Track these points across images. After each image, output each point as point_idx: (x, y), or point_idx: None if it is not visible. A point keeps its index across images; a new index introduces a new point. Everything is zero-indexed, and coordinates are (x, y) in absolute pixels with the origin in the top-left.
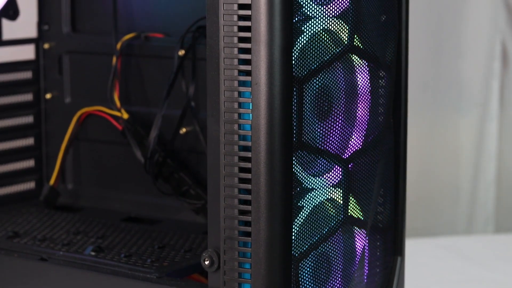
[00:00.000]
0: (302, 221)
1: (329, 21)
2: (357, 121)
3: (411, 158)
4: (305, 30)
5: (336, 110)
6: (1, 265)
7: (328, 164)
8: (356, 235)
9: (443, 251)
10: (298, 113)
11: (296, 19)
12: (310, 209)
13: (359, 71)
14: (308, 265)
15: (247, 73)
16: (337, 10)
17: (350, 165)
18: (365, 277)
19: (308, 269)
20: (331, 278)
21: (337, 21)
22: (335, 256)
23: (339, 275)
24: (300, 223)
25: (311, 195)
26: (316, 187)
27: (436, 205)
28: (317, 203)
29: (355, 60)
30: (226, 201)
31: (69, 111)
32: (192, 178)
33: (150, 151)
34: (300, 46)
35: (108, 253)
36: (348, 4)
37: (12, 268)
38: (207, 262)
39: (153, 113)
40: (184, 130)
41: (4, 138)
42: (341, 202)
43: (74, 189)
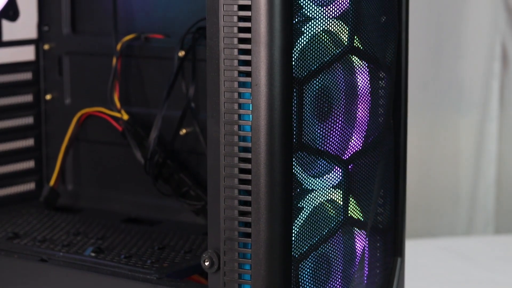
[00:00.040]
0: (302, 222)
1: (329, 22)
2: (357, 122)
3: (411, 158)
4: (305, 31)
5: (336, 111)
6: (1, 266)
7: (328, 165)
8: (356, 236)
9: (443, 252)
10: (298, 114)
11: (296, 20)
12: (310, 210)
13: (359, 72)
14: (308, 266)
15: (247, 74)
16: (337, 11)
17: (350, 166)
18: (365, 278)
19: (308, 270)
20: (331, 279)
21: (337, 22)
22: (335, 257)
23: (339, 276)
24: (300, 224)
25: (311, 196)
26: (316, 188)
27: (436, 205)
28: (317, 204)
29: (355, 61)
30: (226, 202)
31: (69, 112)
32: (192, 179)
33: (150, 152)
34: (300, 47)
35: (108, 254)
36: (348, 5)
37: (12, 269)
38: (207, 263)
39: (153, 114)
40: (184, 131)
41: (4, 139)
42: (341, 203)
43: (74, 190)
